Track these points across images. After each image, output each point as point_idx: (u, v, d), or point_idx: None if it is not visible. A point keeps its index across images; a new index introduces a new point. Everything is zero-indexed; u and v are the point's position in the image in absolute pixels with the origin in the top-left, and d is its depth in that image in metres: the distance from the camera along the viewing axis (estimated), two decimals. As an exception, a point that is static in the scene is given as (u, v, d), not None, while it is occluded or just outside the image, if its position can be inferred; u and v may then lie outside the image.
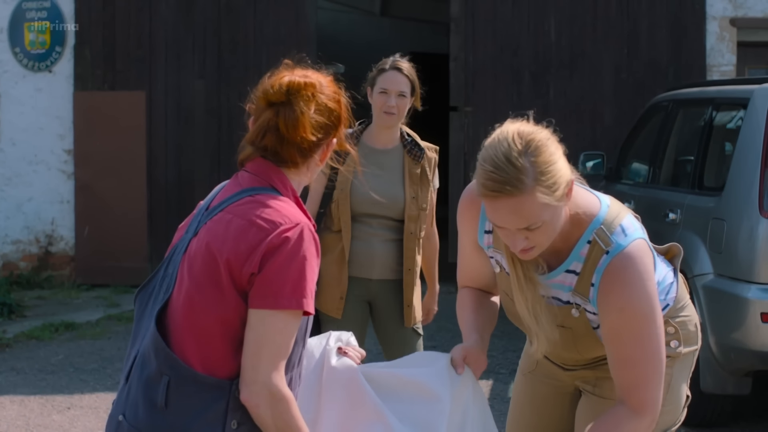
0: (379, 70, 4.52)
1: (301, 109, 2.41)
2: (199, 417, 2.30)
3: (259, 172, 2.44)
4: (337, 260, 4.51)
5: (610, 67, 10.42)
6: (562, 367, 3.02)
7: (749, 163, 5.67)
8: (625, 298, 2.61)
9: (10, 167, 10.74)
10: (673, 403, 2.94)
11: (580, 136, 10.32)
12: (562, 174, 2.54)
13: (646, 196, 7.26)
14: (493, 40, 10.50)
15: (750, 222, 5.55)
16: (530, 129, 2.56)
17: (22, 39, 10.69)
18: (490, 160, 2.51)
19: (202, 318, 2.32)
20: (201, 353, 2.32)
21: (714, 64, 10.42)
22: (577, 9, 10.42)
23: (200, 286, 2.33)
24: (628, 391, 2.66)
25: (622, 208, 2.78)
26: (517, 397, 3.19)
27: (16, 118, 10.71)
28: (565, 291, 2.76)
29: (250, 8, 10.57)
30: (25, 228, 10.80)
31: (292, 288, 2.29)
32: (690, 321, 2.96)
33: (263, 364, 2.28)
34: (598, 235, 2.66)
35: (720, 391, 5.80)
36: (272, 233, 2.30)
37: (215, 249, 2.33)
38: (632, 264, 2.62)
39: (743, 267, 5.56)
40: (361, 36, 15.77)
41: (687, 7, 10.38)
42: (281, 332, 2.29)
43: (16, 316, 9.31)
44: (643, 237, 2.71)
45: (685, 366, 2.98)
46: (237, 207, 2.37)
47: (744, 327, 5.47)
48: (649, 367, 2.65)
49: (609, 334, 2.67)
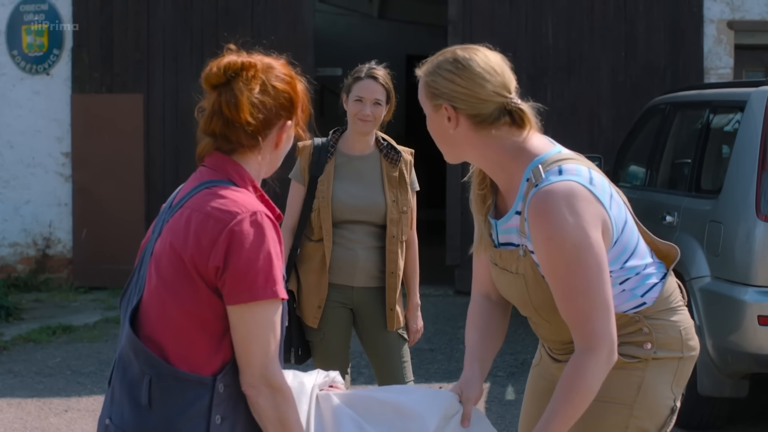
0: (354, 78, 4.51)
1: (241, 89, 2.41)
2: (184, 413, 2.30)
3: (215, 166, 2.45)
4: (317, 269, 4.50)
5: (607, 70, 10.43)
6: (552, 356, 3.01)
7: (746, 166, 5.67)
8: (550, 228, 2.58)
9: (7, 170, 10.74)
10: (648, 410, 2.83)
11: (577, 138, 10.31)
12: (447, 90, 2.71)
13: (644, 198, 7.26)
14: (490, 42, 10.31)
15: (747, 225, 5.55)
16: (471, 48, 2.79)
17: (19, 41, 10.69)
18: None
19: (176, 316, 2.33)
20: (179, 351, 2.33)
21: (711, 67, 10.43)
22: (575, 11, 10.43)
23: (169, 285, 2.34)
24: (577, 327, 2.63)
25: (582, 160, 2.73)
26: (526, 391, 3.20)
27: (14, 121, 10.70)
28: (515, 234, 2.76)
29: (247, 11, 10.57)
30: (22, 231, 10.80)
31: (265, 278, 2.30)
32: (673, 326, 2.85)
33: (257, 360, 2.31)
34: (533, 172, 2.66)
35: (717, 394, 5.80)
36: (230, 224, 2.30)
37: (178, 246, 2.33)
38: (553, 197, 2.58)
39: (740, 270, 5.56)
40: (359, 39, 15.79)
41: (684, 10, 10.39)
42: (265, 324, 2.31)
43: (14, 318, 9.31)
44: (585, 184, 2.64)
45: (665, 373, 2.85)
46: (194, 200, 2.38)
47: (741, 330, 5.47)
48: (590, 297, 2.60)
49: (544, 267, 2.65)
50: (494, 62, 2.76)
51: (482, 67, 2.71)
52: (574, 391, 2.63)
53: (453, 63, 2.72)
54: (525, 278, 2.78)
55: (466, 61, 2.72)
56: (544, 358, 3.09)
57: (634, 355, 2.80)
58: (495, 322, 2.97)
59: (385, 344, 4.58)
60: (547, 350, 3.04)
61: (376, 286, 4.55)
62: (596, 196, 2.65)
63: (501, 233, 2.81)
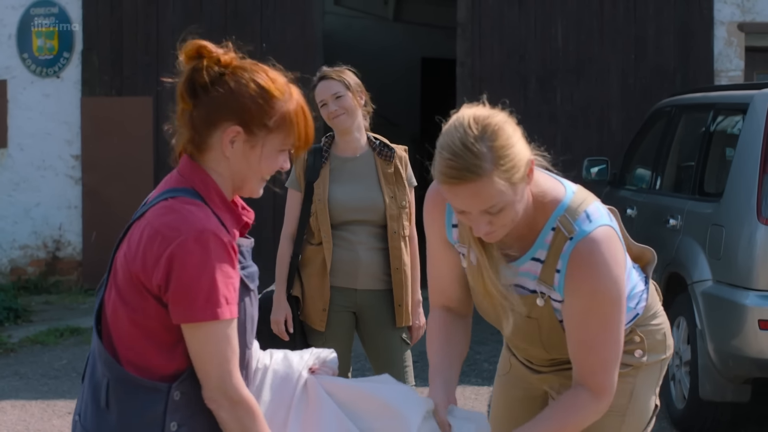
0: (311, 89, 4.53)
1: (195, 71, 2.37)
2: (138, 418, 2.31)
3: (183, 172, 2.40)
4: (319, 272, 4.51)
5: (617, 73, 10.38)
6: (531, 368, 3.00)
7: (748, 168, 5.63)
8: (595, 282, 2.58)
9: (18, 172, 10.79)
10: (637, 414, 2.90)
11: (586, 141, 10.30)
12: (521, 156, 2.52)
13: (649, 202, 7.23)
14: (499, 45, 10.48)
15: (748, 228, 5.52)
16: (486, 113, 2.54)
17: (30, 45, 10.73)
18: (447, 148, 2.49)
19: (126, 324, 2.33)
20: (133, 357, 2.33)
21: (722, 70, 10.37)
22: (584, 14, 10.39)
23: (122, 294, 2.33)
24: (589, 375, 2.65)
25: (588, 194, 2.73)
26: (495, 400, 3.18)
27: (24, 124, 10.75)
28: (531, 279, 2.72)
29: (256, 14, 10.58)
30: (32, 233, 10.84)
31: (205, 298, 2.26)
32: (658, 330, 2.92)
33: (213, 375, 2.30)
34: (562, 222, 2.63)
35: (719, 399, 5.76)
36: (174, 243, 2.25)
37: (129, 259, 2.32)
38: (597, 248, 2.59)
39: (741, 273, 5.52)
40: (374, 42, 15.78)
41: (694, 12, 10.33)
42: (216, 341, 2.28)
43: (22, 320, 9.35)
44: (610, 224, 2.67)
45: (651, 376, 2.94)
46: (151, 213, 2.34)
47: (742, 334, 5.43)
48: (610, 351, 2.64)
49: (576, 316, 2.64)
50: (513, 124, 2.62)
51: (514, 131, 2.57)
52: (568, 421, 2.69)
53: (491, 134, 2.51)
54: (540, 323, 2.78)
55: (499, 126, 2.53)
56: (516, 367, 3.09)
57: (627, 363, 2.83)
58: (458, 334, 2.92)
59: (388, 348, 4.57)
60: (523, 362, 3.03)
61: (380, 289, 4.55)
62: (617, 232, 2.69)
63: (510, 276, 2.75)
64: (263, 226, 7.88)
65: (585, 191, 2.74)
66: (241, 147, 2.38)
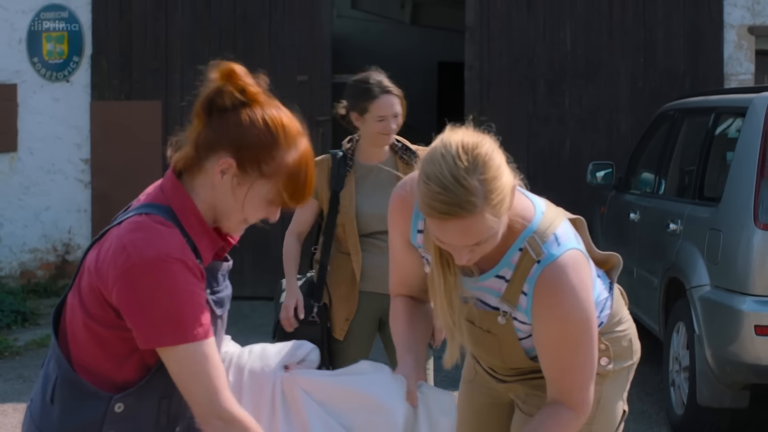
0: (366, 97, 4.43)
1: (222, 88, 2.34)
2: (76, 419, 2.31)
3: (165, 189, 2.37)
4: (347, 281, 4.49)
5: (626, 76, 10.33)
6: (495, 377, 2.97)
7: (746, 173, 5.59)
8: (564, 309, 2.54)
9: (27, 176, 10.83)
10: (605, 420, 2.88)
11: (595, 145, 10.25)
12: (507, 187, 2.44)
13: (651, 206, 7.19)
14: (508, 48, 10.45)
15: (745, 233, 5.47)
16: (474, 140, 2.42)
17: (40, 49, 10.78)
18: (436, 180, 2.37)
19: (81, 328, 2.32)
20: (83, 360, 2.33)
21: (732, 73, 10.29)
22: (593, 18, 10.34)
23: (82, 297, 2.32)
24: (566, 395, 2.63)
25: (558, 214, 2.68)
26: (461, 406, 3.14)
27: (34, 128, 10.79)
28: (494, 296, 2.68)
29: (265, 18, 10.59)
30: (42, 237, 10.88)
31: (168, 322, 2.22)
32: (624, 336, 2.89)
33: (199, 397, 2.26)
34: (530, 244, 2.58)
35: (717, 405, 5.71)
36: (134, 263, 2.21)
37: (93, 268, 2.30)
38: (565, 274, 2.54)
39: (738, 279, 5.47)
40: (391, 45, 15.79)
41: (704, 16, 10.26)
42: (192, 364, 2.24)
43: (30, 324, 9.38)
44: (578, 247, 2.63)
45: (618, 382, 2.92)
46: (124, 225, 2.31)
47: (739, 340, 5.38)
48: (586, 371, 2.62)
49: (547, 343, 2.61)
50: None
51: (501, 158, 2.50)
52: None
53: (482, 167, 2.42)
54: (499, 339, 2.75)
55: (489, 156, 2.44)
56: (481, 375, 3.06)
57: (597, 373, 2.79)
58: (422, 317, 2.89)
59: None
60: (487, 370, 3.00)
61: None
62: (585, 254, 2.65)
63: (471, 289, 2.71)
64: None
65: (553, 209, 2.70)
66: (230, 181, 2.32)
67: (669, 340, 6.31)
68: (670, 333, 6.30)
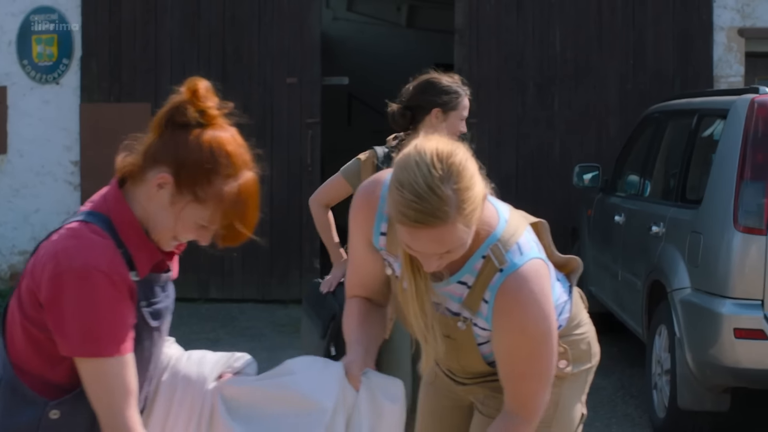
0: (458, 95, 4.50)
1: (178, 104, 2.35)
2: (14, 422, 2.31)
3: (108, 197, 2.39)
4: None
5: (615, 78, 10.32)
6: (454, 380, 2.97)
7: (726, 175, 5.58)
8: (524, 318, 2.54)
9: (17, 178, 10.83)
10: (563, 423, 2.89)
11: (585, 147, 10.24)
12: (479, 196, 2.44)
13: (635, 208, 7.19)
14: (497, 51, 10.44)
15: (725, 236, 5.46)
16: (448, 148, 2.41)
17: (30, 51, 10.77)
18: (410, 187, 2.36)
19: (18, 330, 2.33)
20: (20, 363, 2.33)
21: (722, 75, 10.28)
22: (582, 20, 10.34)
23: (21, 299, 2.33)
24: (521, 403, 2.64)
25: (521, 222, 2.69)
26: (421, 407, 3.15)
27: (24, 130, 10.79)
28: (455, 301, 2.68)
29: (254, 20, 10.58)
30: (32, 239, 10.86)
31: (84, 334, 2.23)
32: (582, 339, 2.90)
33: (102, 411, 2.28)
34: (493, 252, 2.58)
35: (698, 408, 5.71)
36: (61, 271, 2.23)
37: (29, 270, 2.32)
38: (527, 284, 2.54)
39: (718, 281, 5.47)
40: (388, 47, 15.81)
41: (694, 18, 10.25)
42: (101, 379, 2.27)
43: (18, 326, 9.37)
44: (540, 257, 2.63)
45: (577, 385, 2.92)
46: (61, 232, 2.32)
47: (718, 343, 5.37)
48: (542, 380, 2.63)
49: (505, 351, 2.62)
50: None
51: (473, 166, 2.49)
52: None
53: (456, 176, 2.41)
54: (458, 344, 2.75)
55: (462, 165, 2.43)
56: (441, 378, 3.06)
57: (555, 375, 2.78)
58: (376, 319, 2.86)
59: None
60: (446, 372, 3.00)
61: None
62: (546, 263, 2.66)
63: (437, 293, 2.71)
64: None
65: (516, 216, 2.70)
66: (165, 196, 2.34)
67: (651, 342, 6.31)
68: (652, 336, 6.29)
